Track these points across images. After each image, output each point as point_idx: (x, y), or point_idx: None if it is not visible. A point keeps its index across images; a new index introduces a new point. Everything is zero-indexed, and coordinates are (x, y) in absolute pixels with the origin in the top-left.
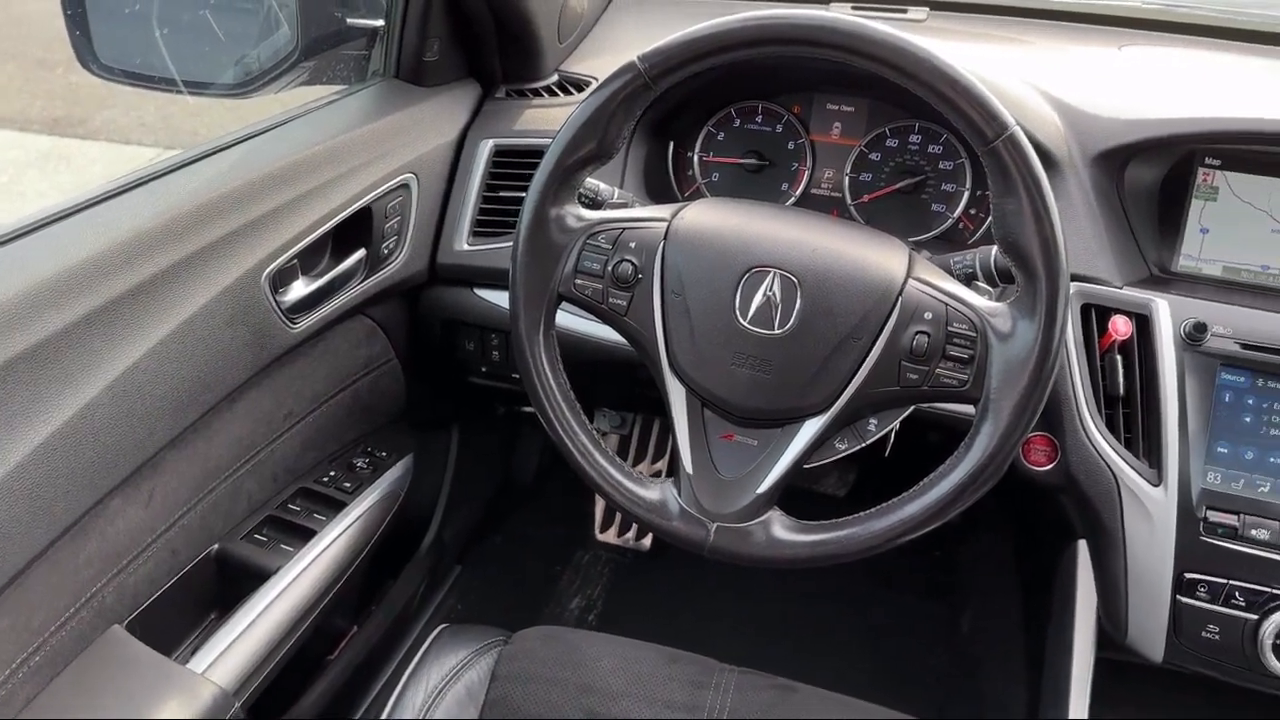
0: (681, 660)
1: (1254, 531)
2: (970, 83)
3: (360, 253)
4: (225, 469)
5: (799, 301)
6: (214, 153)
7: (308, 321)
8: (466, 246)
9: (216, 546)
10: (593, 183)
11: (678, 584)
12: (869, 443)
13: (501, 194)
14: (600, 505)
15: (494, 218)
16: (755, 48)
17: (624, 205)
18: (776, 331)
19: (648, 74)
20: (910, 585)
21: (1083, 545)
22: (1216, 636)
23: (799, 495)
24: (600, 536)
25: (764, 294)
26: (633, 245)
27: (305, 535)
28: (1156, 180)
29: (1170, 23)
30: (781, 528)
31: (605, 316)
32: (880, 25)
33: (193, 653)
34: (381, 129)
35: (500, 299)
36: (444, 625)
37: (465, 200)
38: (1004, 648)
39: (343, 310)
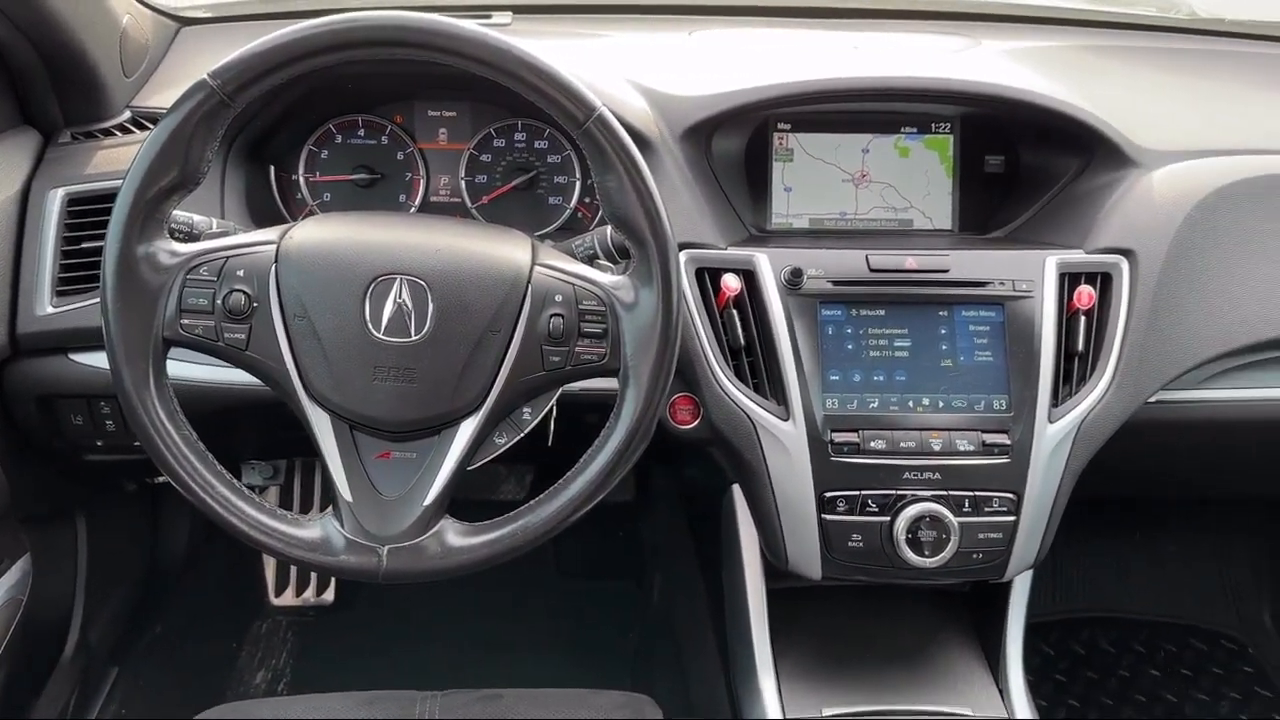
0: (379, 700)
1: (873, 444)
2: (555, 71)
3: None
4: None
5: (431, 304)
6: None
7: None
8: (51, 309)
9: None
10: (184, 215)
11: (370, 629)
12: (527, 432)
13: (84, 245)
14: (272, 566)
15: (80, 273)
16: (335, 53)
17: (225, 234)
18: (414, 338)
19: (222, 91)
20: (602, 571)
21: (737, 489)
22: (860, 544)
23: (480, 506)
24: (276, 601)
25: (394, 302)
26: (240, 273)
27: None
28: (740, 149)
29: (733, 7)
30: (455, 535)
31: (224, 355)
32: (462, 21)
33: None
34: None
35: (103, 361)
36: None
37: (40, 259)
38: (692, 605)
39: None
